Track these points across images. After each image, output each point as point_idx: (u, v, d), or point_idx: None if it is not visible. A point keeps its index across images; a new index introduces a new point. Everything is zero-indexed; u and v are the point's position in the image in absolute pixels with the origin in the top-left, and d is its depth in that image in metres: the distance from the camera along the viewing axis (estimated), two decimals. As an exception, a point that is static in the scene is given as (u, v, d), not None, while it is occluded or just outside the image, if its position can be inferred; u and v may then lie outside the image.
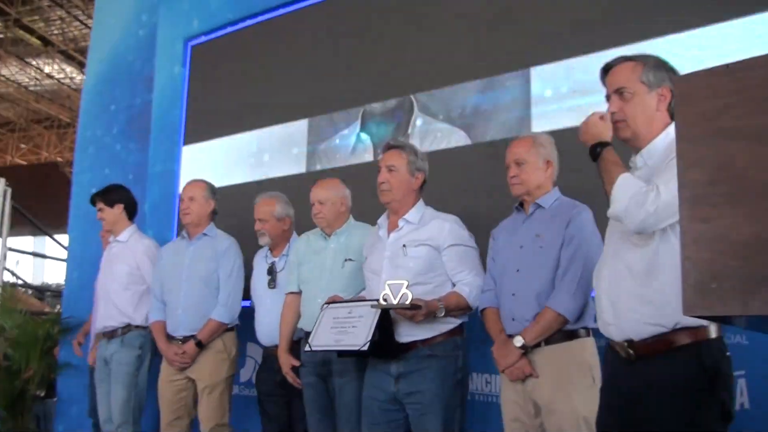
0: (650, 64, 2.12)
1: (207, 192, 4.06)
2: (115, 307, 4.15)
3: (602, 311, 2.14)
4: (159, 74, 5.91)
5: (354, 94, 4.67)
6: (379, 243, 3.17)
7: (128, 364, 4.06)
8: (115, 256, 4.30)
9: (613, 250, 2.13)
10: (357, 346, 2.82)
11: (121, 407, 4.00)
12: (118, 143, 6.30)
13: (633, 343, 2.03)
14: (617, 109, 2.11)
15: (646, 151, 2.10)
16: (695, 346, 1.95)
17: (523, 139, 2.96)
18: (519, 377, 2.72)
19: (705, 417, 1.90)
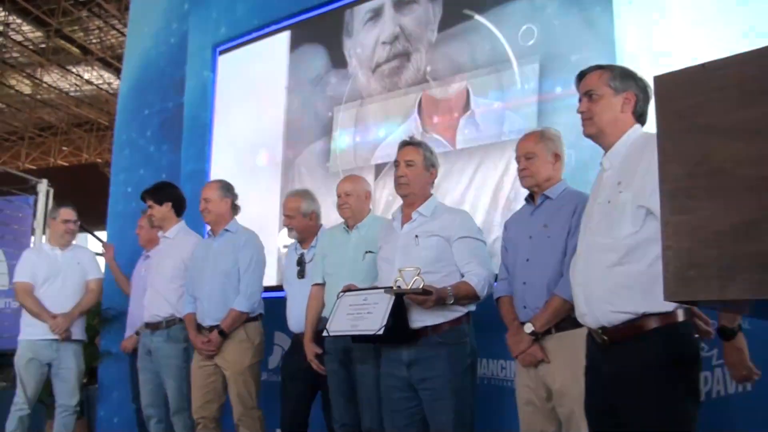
0: (617, 71, 2.27)
1: (221, 191, 4.10)
2: (163, 300, 4.22)
3: (577, 302, 2.22)
4: (189, 79, 6.01)
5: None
6: (392, 234, 3.21)
7: (176, 357, 4.17)
8: (164, 251, 4.38)
9: (586, 245, 2.19)
10: (372, 330, 2.85)
11: (176, 397, 4.14)
12: (151, 145, 6.41)
13: (606, 329, 2.10)
14: (585, 109, 2.25)
15: (610, 153, 2.21)
16: (664, 330, 2.01)
17: (532, 134, 2.99)
18: (531, 363, 2.74)
19: (675, 397, 1.97)
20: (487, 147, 4.17)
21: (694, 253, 0.83)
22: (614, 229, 2.08)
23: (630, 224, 2.04)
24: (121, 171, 6.61)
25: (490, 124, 4.23)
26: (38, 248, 5.19)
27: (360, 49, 4.57)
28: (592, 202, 2.25)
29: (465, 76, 4.39)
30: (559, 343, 2.70)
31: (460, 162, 4.30)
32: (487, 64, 4.25)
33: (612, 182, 2.15)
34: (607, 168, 2.22)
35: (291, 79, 5.38)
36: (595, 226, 2.17)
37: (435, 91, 4.52)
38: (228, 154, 5.69)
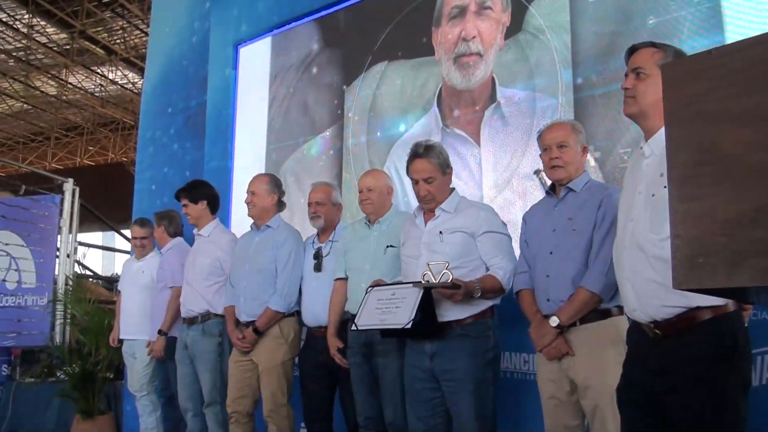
0: (669, 52, 2.17)
1: (269, 185, 4.12)
2: (198, 296, 4.30)
3: (626, 297, 2.17)
4: (212, 77, 6.05)
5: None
6: (415, 230, 3.22)
7: (211, 352, 4.25)
8: (199, 249, 4.44)
9: (630, 237, 2.14)
10: (401, 324, 2.86)
11: (210, 390, 4.23)
12: (175, 143, 6.47)
13: (658, 323, 2.06)
14: (630, 85, 2.17)
15: (652, 140, 2.13)
16: (715, 320, 1.98)
17: (563, 124, 2.95)
18: (555, 356, 2.72)
19: (727, 385, 1.94)
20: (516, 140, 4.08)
21: (702, 241, 0.83)
22: (660, 225, 2.01)
23: None
24: (146, 169, 6.68)
25: (518, 117, 4.13)
26: (129, 260, 5.51)
27: (445, 41, 4.57)
28: (632, 191, 2.19)
29: (490, 65, 4.34)
30: (584, 336, 2.68)
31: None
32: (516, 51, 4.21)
33: (654, 172, 2.08)
34: (648, 155, 2.14)
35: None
36: (639, 218, 2.11)
37: (456, 80, 4.49)
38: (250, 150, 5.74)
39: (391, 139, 4.81)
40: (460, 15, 4.51)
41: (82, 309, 6.24)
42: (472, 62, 4.41)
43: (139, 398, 5.00)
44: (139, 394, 4.99)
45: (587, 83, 3.83)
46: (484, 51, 4.38)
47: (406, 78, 4.81)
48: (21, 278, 7.08)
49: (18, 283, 7.06)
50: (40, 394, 6.40)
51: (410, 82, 4.77)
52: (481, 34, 4.40)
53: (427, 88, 4.66)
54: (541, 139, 2.93)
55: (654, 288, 2.04)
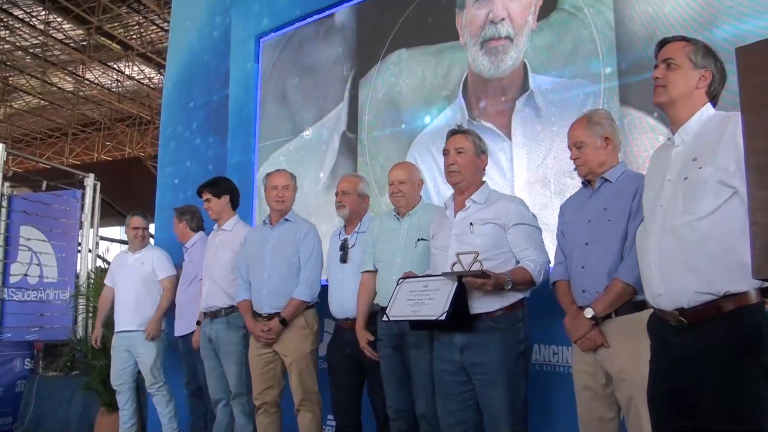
0: (700, 46, 2.24)
1: (293, 182, 4.22)
2: (221, 290, 4.36)
3: (651, 281, 2.17)
4: (234, 71, 6.06)
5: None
6: (446, 221, 3.21)
7: (237, 343, 4.31)
8: (222, 243, 4.49)
9: (659, 222, 2.15)
10: (435, 316, 2.85)
11: (236, 382, 4.29)
12: (197, 137, 6.50)
13: (684, 311, 2.06)
14: (661, 75, 2.23)
15: (682, 129, 2.19)
16: (739, 311, 1.99)
17: (579, 120, 2.95)
18: (591, 347, 2.72)
19: (750, 376, 1.95)
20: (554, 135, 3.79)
21: (782, 229, 0.83)
22: (695, 205, 2.05)
23: (712, 201, 2.02)
24: (168, 164, 6.71)
25: (554, 108, 3.86)
26: (121, 253, 5.58)
27: (470, 24, 4.30)
28: (660, 179, 2.22)
29: (522, 50, 4.04)
30: (619, 328, 2.67)
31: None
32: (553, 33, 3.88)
33: (685, 158, 2.13)
34: (678, 143, 2.20)
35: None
36: (669, 204, 2.13)
37: (483, 68, 4.25)
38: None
39: (413, 132, 4.66)
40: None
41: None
42: (501, 47, 4.17)
43: (155, 391, 5.10)
44: (154, 387, 5.07)
45: (634, 67, 3.59)
46: (515, 34, 4.11)
47: (427, 66, 4.58)
48: (43, 273, 7.16)
49: (40, 278, 7.15)
50: (64, 388, 6.47)
51: (432, 70, 4.55)
52: (510, 15, 4.14)
53: (451, 76, 4.45)
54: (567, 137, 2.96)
55: (684, 272, 2.05)
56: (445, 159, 3.24)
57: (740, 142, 1.89)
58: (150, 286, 5.14)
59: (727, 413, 1.95)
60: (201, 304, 4.50)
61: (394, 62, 4.83)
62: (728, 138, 2.02)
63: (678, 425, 2.09)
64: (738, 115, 2.01)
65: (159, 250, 5.33)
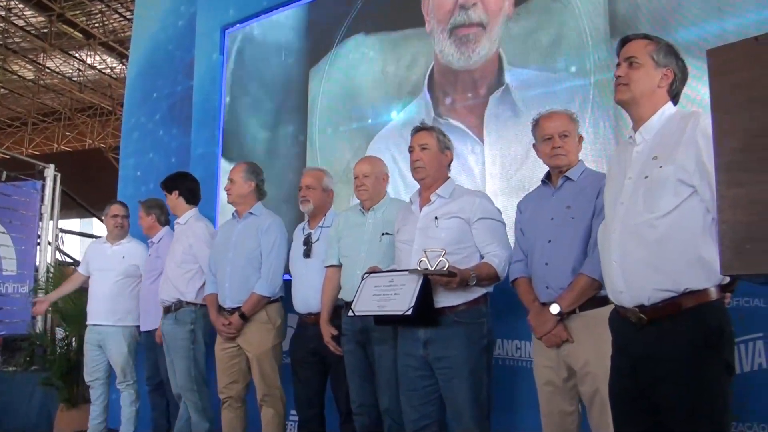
0: (662, 45, 2.24)
1: (245, 173, 4.15)
2: (171, 284, 4.35)
3: (612, 278, 2.19)
4: (198, 62, 5.99)
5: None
6: (411, 216, 3.22)
7: (183, 339, 4.26)
8: (176, 237, 4.51)
9: (621, 218, 2.17)
10: (401, 311, 2.86)
11: (183, 377, 4.25)
12: (160, 129, 6.42)
13: (644, 308, 2.08)
14: (623, 73, 2.23)
15: (643, 127, 2.20)
16: (700, 308, 2.02)
17: (562, 113, 2.96)
18: (555, 343, 2.74)
19: (712, 371, 1.98)
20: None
21: (751, 227, 0.83)
22: (655, 204, 2.07)
23: (672, 200, 2.04)
24: (131, 155, 6.62)
25: (533, 104, 3.49)
26: (99, 242, 5.37)
27: (438, 8, 3.95)
28: (621, 177, 2.23)
29: (496, 39, 3.69)
30: (583, 323, 2.70)
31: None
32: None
33: (646, 157, 2.15)
34: (639, 142, 2.21)
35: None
36: (629, 202, 2.15)
37: (452, 58, 3.91)
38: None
39: (372, 129, 4.47)
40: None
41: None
42: (473, 35, 3.84)
43: (122, 389, 4.98)
44: (122, 385, 4.97)
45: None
46: (488, 21, 3.78)
47: (388, 55, 4.27)
48: (2, 266, 7.01)
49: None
50: (23, 384, 6.33)
51: (394, 61, 4.24)
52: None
53: (416, 67, 4.15)
54: (540, 128, 2.94)
55: (645, 270, 2.07)
56: (410, 156, 3.25)
57: (700, 141, 1.97)
58: (129, 282, 5.01)
59: (689, 410, 1.97)
60: (158, 299, 4.48)
61: (351, 49, 4.52)
62: (688, 137, 2.04)
63: (640, 422, 2.11)
64: (698, 114, 2.07)
65: (143, 246, 5.12)
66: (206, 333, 4.28)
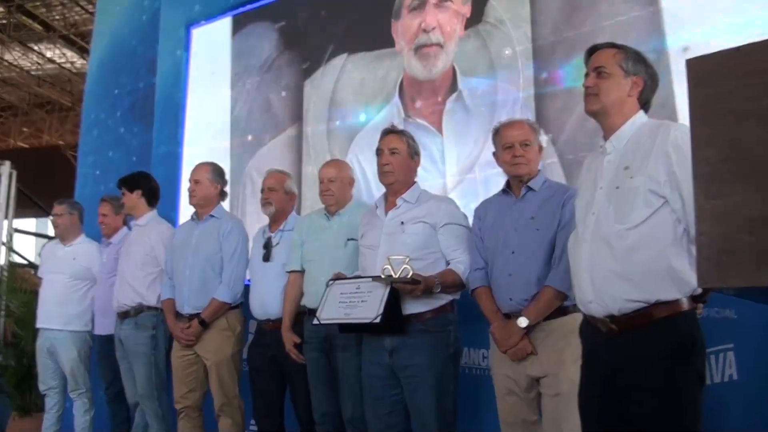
0: (630, 53, 2.25)
1: (212, 174, 4.08)
2: (130, 288, 4.22)
3: (582, 288, 2.19)
4: (162, 58, 5.94)
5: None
6: (376, 220, 3.21)
7: (144, 344, 4.16)
8: (134, 238, 4.38)
9: (592, 229, 2.17)
10: (369, 318, 2.85)
11: (143, 384, 4.15)
12: (121, 126, 6.33)
13: (615, 318, 2.09)
14: (592, 84, 2.23)
15: (614, 137, 2.21)
16: (672, 318, 2.03)
17: (524, 122, 2.98)
18: (521, 357, 2.73)
19: (684, 381, 1.99)
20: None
21: (728, 239, 0.83)
22: (626, 215, 2.07)
23: (643, 211, 2.05)
24: (90, 153, 6.52)
25: (480, 107, 4.25)
26: (52, 243, 5.22)
27: (405, 32, 4.72)
28: (592, 186, 2.24)
29: (451, 55, 4.46)
30: (545, 332, 2.71)
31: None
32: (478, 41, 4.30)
33: (616, 167, 2.16)
34: (609, 151, 2.21)
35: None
36: (600, 212, 2.16)
37: (417, 71, 4.60)
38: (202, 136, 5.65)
39: (352, 129, 4.85)
40: (419, 6, 4.67)
41: (18, 300, 5.98)
42: (433, 53, 4.53)
43: (75, 397, 4.84)
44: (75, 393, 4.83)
45: (551, 78, 3.94)
46: (445, 41, 4.53)
47: (366, 69, 4.87)
48: (-49, 266, 6.81)
49: (-49, 272, 6.79)
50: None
51: (371, 74, 4.84)
52: (441, 25, 4.55)
53: (389, 78, 4.73)
54: (500, 137, 2.94)
55: (615, 280, 2.08)
56: (378, 159, 3.24)
57: (670, 152, 1.99)
58: (79, 285, 4.86)
59: (660, 419, 1.98)
60: (113, 303, 4.34)
61: (338, 65, 5.08)
62: (659, 147, 2.05)
63: (610, 428, 2.11)
64: (668, 125, 2.09)
65: (95, 246, 4.99)
66: (166, 338, 4.20)
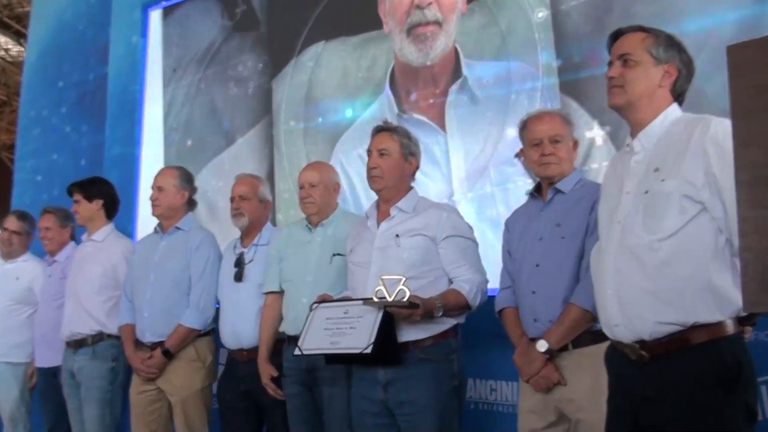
0: (662, 38, 2.23)
1: (179, 180, 4.06)
2: (86, 313, 4.17)
3: (606, 309, 2.18)
4: (115, 45, 5.93)
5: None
6: (366, 233, 3.18)
7: (101, 378, 4.12)
8: (89, 256, 4.32)
9: (617, 240, 2.16)
10: (358, 348, 2.80)
11: (95, 424, 4.08)
12: (67, 124, 6.32)
13: (645, 343, 2.08)
14: (617, 74, 2.22)
15: (643, 134, 2.20)
16: (713, 343, 2.00)
17: (553, 115, 2.96)
18: (545, 387, 2.71)
19: (730, 416, 1.96)
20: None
21: (779, 255, 0.82)
22: (657, 224, 2.06)
23: (677, 218, 2.03)
24: (29, 156, 6.50)
25: (491, 93, 4.12)
26: None
27: (394, 10, 4.58)
28: (618, 191, 2.23)
29: (452, 35, 4.31)
30: (577, 362, 2.68)
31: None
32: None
33: (645, 168, 2.14)
34: (638, 150, 2.20)
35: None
36: (627, 220, 2.14)
37: (411, 56, 4.47)
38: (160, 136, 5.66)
39: (336, 128, 4.76)
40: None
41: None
42: (430, 33, 4.38)
43: None
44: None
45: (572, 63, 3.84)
46: (443, 18, 4.37)
47: (349, 58, 4.77)
48: None
49: None
50: None
51: (354, 63, 4.74)
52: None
53: (377, 67, 4.64)
54: (527, 132, 2.92)
55: (644, 299, 2.06)
56: (368, 163, 3.22)
57: (709, 150, 1.98)
58: (21, 309, 4.83)
59: None
60: (62, 331, 4.28)
61: (312, 57, 4.96)
62: (696, 145, 2.03)
63: None
64: (708, 119, 2.07)
65: (41, 265, 4.94)
66: (125, 372, 4.13)
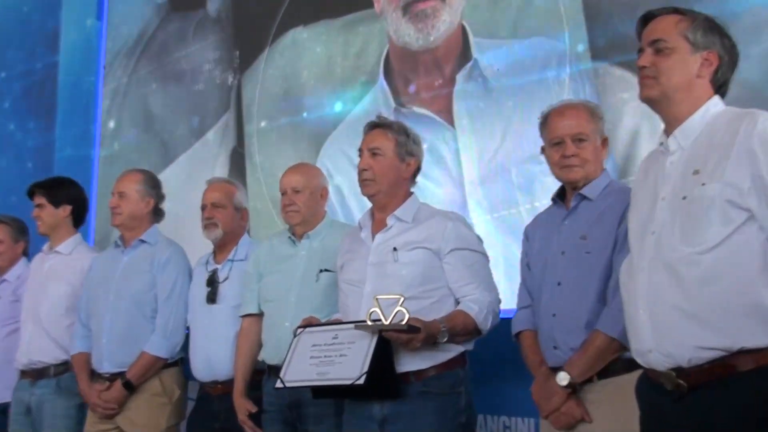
0: (699, 20, 2.23)
1: (143, 185, 4.06)
2: (49, 339, 4.16)
3: (639, 333, 2.17)
4: (66, 30, 5.95)
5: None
6: (360, 247, 3.18)
7: (68, 418, 4.11)
8: (54, 272, 4.30)
9: (651, 253, 2.15)
10: (350, 379, 2.79)
11: None
12: (11, 122, 6.36)
13: (683, 371, 2.05)
14: (648, 63, 2.22)
15: (679, 131, 2.19)
16: (760, 371, 1.98)
17: (578, 108, 2.91)
18: (567, 424, 2.68)
19: None
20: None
21: None
22: (697, 234, 2.04)
23: (720, 228, 2.01)
24: (-36, 158, 6.51)
25: (508, 76, 3.98)
26: None
27: None
28: (652, 197, 2.22)
29: (458, 10, 4.16)
30: (603, 394, 2.65)
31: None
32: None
33: (683, 170, 2.13)
34: (673, 150, 2.20)
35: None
36: (662, 231, 2.13)
37: (409, 37, 4.35)
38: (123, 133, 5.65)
39: (321, 127, 4.74)
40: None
41: None
42: (431, 9, 4.25)
43: None
44: None
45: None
46: None
47: (333, 44, 4.72)
48: None
49: None
50: None
51: (340, 50, 4.68)
52: None
53: (368, 54, 4.57)
54: (548, 128, 2.88)
55: (682, 320, 2.04)
56: (359, 164, 3.21)
57: (758, 150, 1.97)
58: None
59: None
60: (18, 358, 4.26)
61: (289, 45, 4.93)
62: (741, 144, 2.02)
63: None
64: (755, 114, 2.06)
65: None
66: None
